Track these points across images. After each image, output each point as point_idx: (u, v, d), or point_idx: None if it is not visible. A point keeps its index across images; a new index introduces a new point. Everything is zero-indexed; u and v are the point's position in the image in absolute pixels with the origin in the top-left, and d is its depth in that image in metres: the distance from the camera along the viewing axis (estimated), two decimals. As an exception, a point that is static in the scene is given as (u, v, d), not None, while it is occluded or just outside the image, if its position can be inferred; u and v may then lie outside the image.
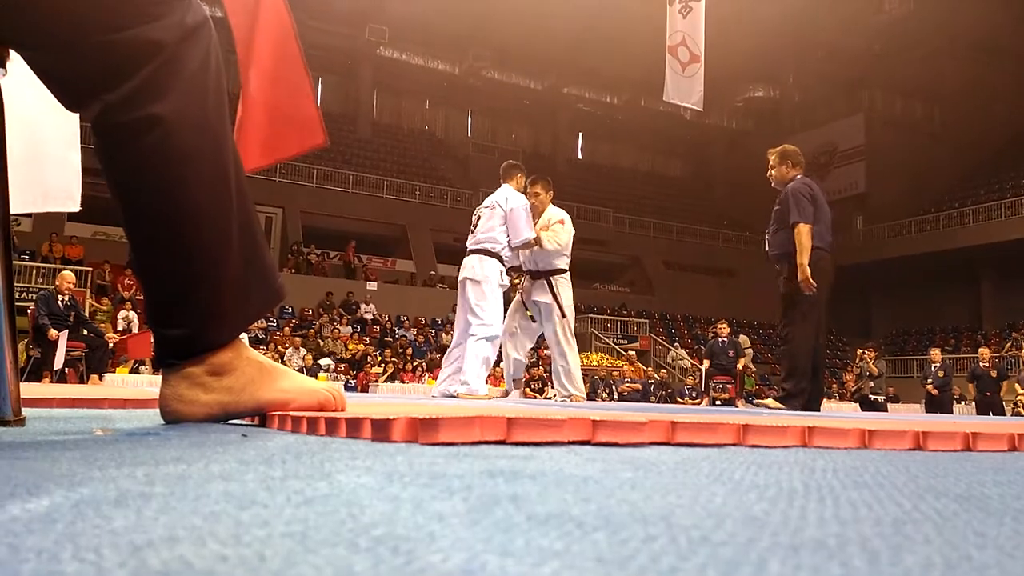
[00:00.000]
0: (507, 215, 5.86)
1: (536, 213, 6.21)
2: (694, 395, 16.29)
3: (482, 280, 5.76)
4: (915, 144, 31.02)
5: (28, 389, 1.50)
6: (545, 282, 6.16)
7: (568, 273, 6.29)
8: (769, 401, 5.67)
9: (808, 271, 5.44)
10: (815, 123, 33.59)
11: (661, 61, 10.87)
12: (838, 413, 4.96)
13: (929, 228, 28.43)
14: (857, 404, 14.99)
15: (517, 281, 6.13)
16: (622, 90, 32.67)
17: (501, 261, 5.89)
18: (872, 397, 14.60)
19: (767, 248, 5.96)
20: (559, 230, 6.18)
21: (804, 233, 5.50)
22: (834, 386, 21.32)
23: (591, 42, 28.00)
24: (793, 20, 26.97)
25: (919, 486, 0.68)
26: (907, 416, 5.29)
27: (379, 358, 17.56)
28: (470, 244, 5.94)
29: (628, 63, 27.28)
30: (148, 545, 0.35)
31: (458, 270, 6.10)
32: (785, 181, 5.81)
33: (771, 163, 5.98)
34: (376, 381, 16.41)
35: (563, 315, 6.08)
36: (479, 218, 5.99)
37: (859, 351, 16.23)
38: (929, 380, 14.55)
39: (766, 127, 33.61)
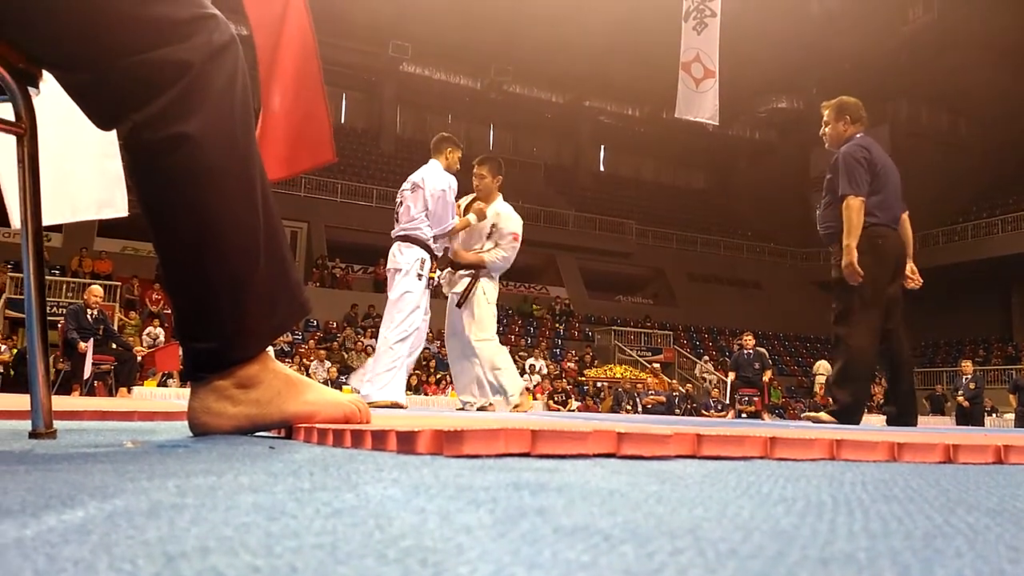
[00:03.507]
0: (427, 198, 5.25)
1: (481, 198, 5.71)
2: (719, 408, 16.17)
3: (402, 269, 5.23)
4: (942, 154, 30.70)
5: (59, 402, 1.53)
6: (467, 275, 5.55)
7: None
8: (822, 415, 4.75)
9: (855, 254, 4.50)
10: (840, 133, 33.28)
11: (682, 73, 10.88)
12: (867, 426, 4.83)
13: (957, 238, 28.08)
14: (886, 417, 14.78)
15: (433, 275, 5.51)
16: (644, 102, 32.66)
17: (427, 250, 5.33)
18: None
19: (818, 225, 4.98)
20: (508, 247, 5.56)
21: (854, 208, 4.53)
22: (862, 399, 21.01)
23: (612, 55, 28.05)
24: (817, 31, 26.86)
25: (950, 499, 0.67)
26: (937, 428, 5.03)
27: (402, 371, 17.57)
28: (394, 232, 5.36)
29: (649, 75, 27.25)
30: (181, 555, 0.36)
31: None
32: (841, 141, 4.80)
33: (824, 119, 4.98)
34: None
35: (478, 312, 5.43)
36: (400, 203, 5.38)
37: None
38: (960, 392, 14.34)
39: (790, 138, 33.43)
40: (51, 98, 1.32)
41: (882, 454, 1.15)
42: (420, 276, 5.25)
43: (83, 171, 2.79)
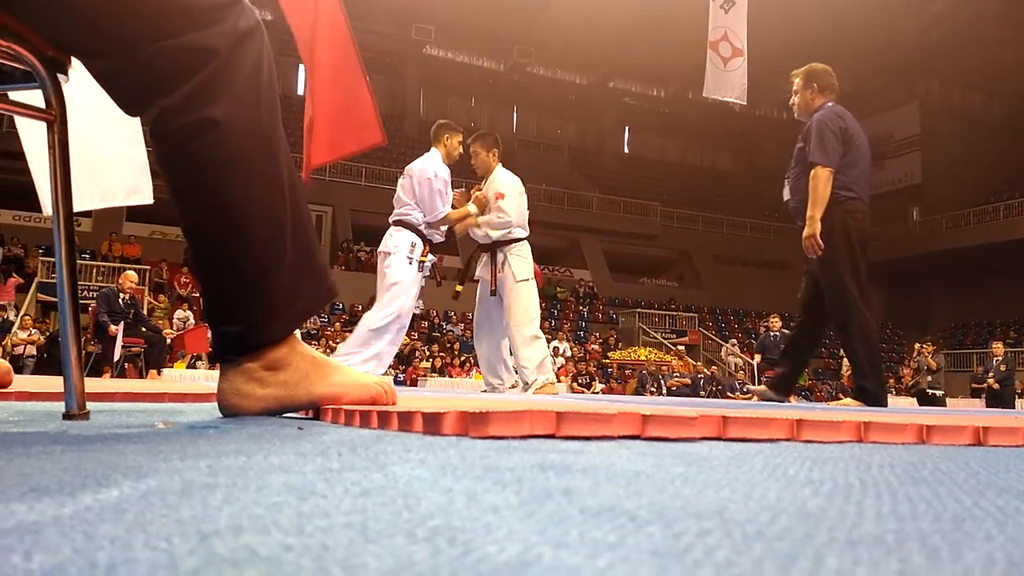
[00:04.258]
0: (415, 185, 5.29)
1: (481, 174, 5.69)
2: (745, 390, 16.08)
3: (391, 252, 5.20)
4: (973, 133, 30.12)
5: (90, 384, 1.56)
6: (500, 254, 5.48)
7: (526, 244, 5.56)
8: (848, 401, 4.58)
9: (818, 227, 4.34)
10: (869, 112, 32.69)
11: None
12: (895, 408, 4.75)
13: (988, 219, 27.60)
14: (915, 399, 14.67)
15: (424, 259, 5.36)
16: (669, 83, 32.34)
17: (419, 234, 5.30)
18: (930, 392, 14.27)
19: (787, 198, 4.87)
20: (504, 207, 5.45)
21: (822, 179, 4.34)
22: (891, 381, 20.86)
23: (637, 35, 27.76)
24: (845, 9, 26.36)
25: (979, 482, 0.67)
26: (967, 411, 4.90)
27: (427, 353, 17.72)
28: (390, 218, 5.43)
29: (675, 56, 26.96)
30: (215, 534, 0.36)
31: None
32: (810, 110, 4.64)
33: (794, 87, 4.82)
34: (425, 375, 16.55)
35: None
36: (399, 187, 5.46)
37: (917, 345, 15.88)
38: (991, 374, 14.16)
39: (817, 117, 32.97)
40: (78, 87, 1.33)
41: (911, 436, 1.14)
42: (410, 260, 5.21)
43: (111, 158, 2.83)
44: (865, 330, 4.39)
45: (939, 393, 14.47)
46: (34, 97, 1.30)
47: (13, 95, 1.39)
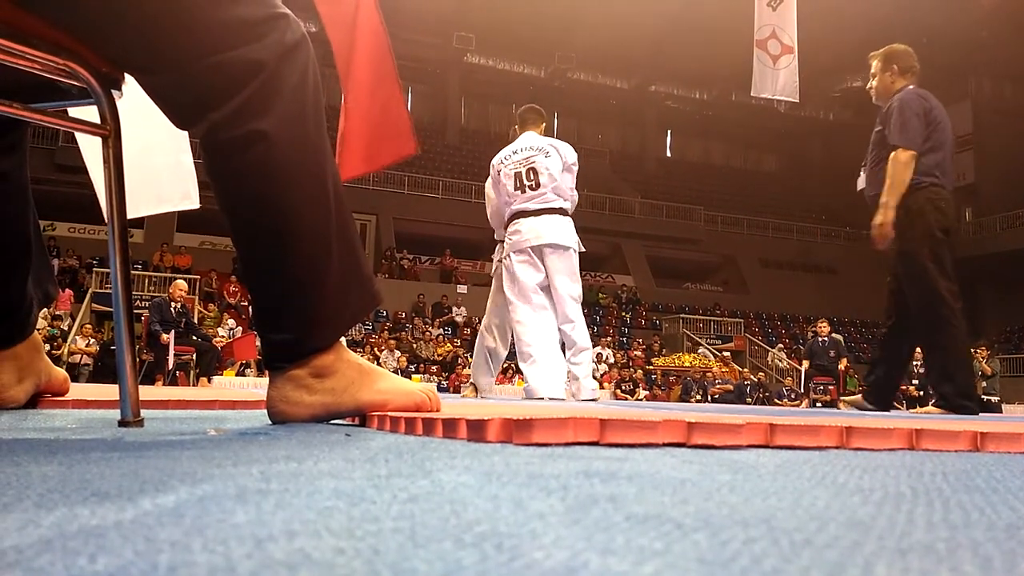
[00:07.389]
0: (568, 167, 4.69)
1: None
2: (793, 396, 15.83)
3: (571, 248, 4.63)
4: (1028, 131, 29.28)
5: (144, 392, 1.59)
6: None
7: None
8: (930, 408, 4.24)
9: (891, 215, 3.98)
10: (918, 112, 32.06)
11: (752, 53, 10.66)
12: (947, 415, 4.61)
13: (1044, 219, 26.78)
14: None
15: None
16: (712, 85, 32.03)
17: None
18: (985, 398, 13.89)
19: (863, 187, 4.42)
20: None
21: (903, 162, 4.00)
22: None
23: (678, 38, 27.57)
24: (893, 5, 25.85)
25: (1037, 491, 0.65)
26: (1022, 418, 4.72)
27: (470, 360, 17.77)
28: (534, 204, 4.64)
29: (717, 57, 26.73)
30: (269, 538, 0.37)
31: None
32: (889, 95, 4.30)
33: (872, 70, 4.46)
34: (467, 382, 16.61)
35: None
36: (531, 170, 4.67)
37: (970, 350, 15.45)
38: (1049, 380, 13.73)
39: (865, 118, 32.31)
40: (131, 94, 1.37)
41: (964, 444, 1.12)
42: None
43: (166, 165, 2.91)
44: (952, 325, 3.99)
45: (994, 399, 14.09)
46: (89, 113, 1.34)
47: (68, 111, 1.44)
